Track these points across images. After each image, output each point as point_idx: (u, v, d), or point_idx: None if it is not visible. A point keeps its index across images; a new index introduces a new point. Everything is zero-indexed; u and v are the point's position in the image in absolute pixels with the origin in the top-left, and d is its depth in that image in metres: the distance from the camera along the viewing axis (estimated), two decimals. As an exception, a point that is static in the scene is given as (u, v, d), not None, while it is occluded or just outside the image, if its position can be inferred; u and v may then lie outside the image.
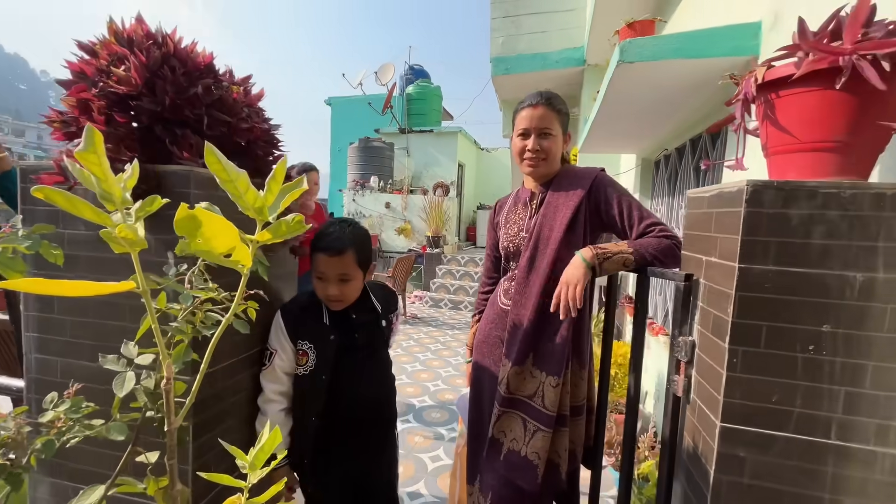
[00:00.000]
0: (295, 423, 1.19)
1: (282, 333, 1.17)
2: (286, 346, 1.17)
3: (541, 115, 1.24)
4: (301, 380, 1.18)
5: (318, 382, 1.17)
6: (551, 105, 1.25)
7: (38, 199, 1.07)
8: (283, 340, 1.17)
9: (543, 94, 1.27)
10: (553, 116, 1.25)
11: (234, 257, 0.57)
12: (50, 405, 0.75)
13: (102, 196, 0.54)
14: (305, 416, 1.18)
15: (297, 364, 1.18)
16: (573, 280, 1.11)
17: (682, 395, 1.02)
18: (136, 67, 0.93)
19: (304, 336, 1.17)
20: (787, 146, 0.83)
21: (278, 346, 1.17)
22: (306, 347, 1.17)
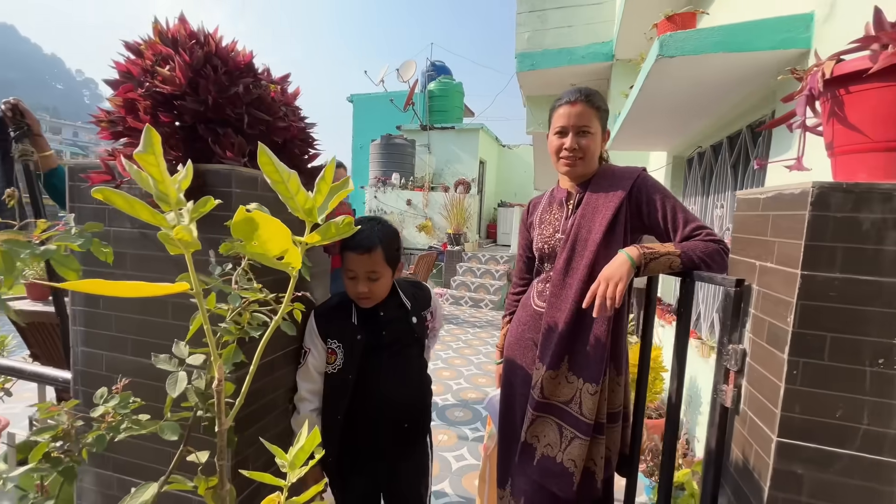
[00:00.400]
0: (322, 420, 1.20)
1: (314, 332, 1.19)
2: (318, 344, 1.19)
3: (579, 112, 1.20)
4: (330, 378, 1.20)
5: (345, 381, 1.18)
6: (590, 102, 1.21)
7: (85, 196, 1.10)
8: (315, 339, 1.19)
9: (582, 90, 1.23)
10: (592, 113, 1.21)
11: (286, 259, 0.56)
12: (100, 400, 0.76)
13: (159, 197, 0.54)
14: (331, 415, 1.19)
15: (327, 363, 1.20)
16: (615, 277, 1.05)
17: (730, 405, 0.97)
18: (181, 67, 0.94)
19: (332, 335, 1.19)
20: (857, 145, 0.78)
21: (311, 345, 1.19)
22: (335, 346, 1.19)
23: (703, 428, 2.34)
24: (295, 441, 0.69)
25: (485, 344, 4.87)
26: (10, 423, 2.04)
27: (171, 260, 1.02)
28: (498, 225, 9.99)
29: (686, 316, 1.12)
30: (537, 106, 5.53)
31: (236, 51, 1.06)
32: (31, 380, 1.29)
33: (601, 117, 1.23)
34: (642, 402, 1.27)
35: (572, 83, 5.03)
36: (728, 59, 1.63)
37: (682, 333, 1.13)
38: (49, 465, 0.70)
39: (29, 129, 1.55)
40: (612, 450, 1.25)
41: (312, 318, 1.21)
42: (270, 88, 1.12)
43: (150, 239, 1.03)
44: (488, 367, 4.10)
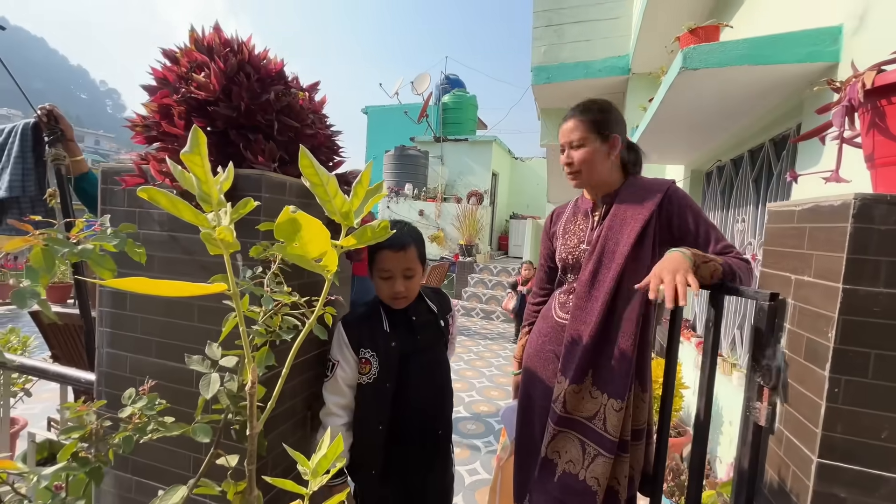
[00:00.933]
0: (360, 434, 1.17)
1: (344, 344, 1.16)
2: (349, 357, 1.16)
3: (570, 127, 1.22)
4: (365, 388, 1.16)
5: (383, 390, 1.15)
6: (582, 114, 1.21)
7: (117, 199, 1.11)
8: (345, 351, 1.15)
9: (578, 105, 1.24)
10: (582, 125, 1.20)
11: (324, 262, 0.56)
12: (128, 401, 0.76)
13: (201, 197, 0.54)
14: (372, 426, 1.16)
15: (360, 373, 1.16)
16: (680, 268, 0.94)
17: (765, 424, 0.94)
18: (216, 74, 0.96)
19: (365, 344, 1.16)
20: (900, 157, 0.76)
21: (341, 357, 1.16)
22: (368, 356, 1.16)
23: (725, 447, 2.27)
24: (317, 448, 0.69)
25: (496, 356, 4.82)
26: (29, 423, 2.06)
27: (197, 263, 1.03)
28: (510, 237, 9.97)
29: (716, 331, 1.10)
30: (552, 119, 5.55)
31: (268, 59, 1.08)
32: (54, 380, 1.31)
33: (595, 125, 1.19)
34: (667, 420, 1.23)
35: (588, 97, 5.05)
36: (753, 72, 1.62)
37: (711, 349, 1.10)
38: (77, 464, 0.70)
39: (62, 134, 1.59)
40: (636, 468, 1.21)
41: (341, 328, 1.17)
42: (299, 96, 1.14)
43: (178, 242, 1.04)
44: (500, 379, 4.05)
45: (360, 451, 1.17)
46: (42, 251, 0.66)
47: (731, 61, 1.58)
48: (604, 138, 1.20)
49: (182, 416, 0.88)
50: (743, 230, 2.48)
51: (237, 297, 0.56)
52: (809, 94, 1.67)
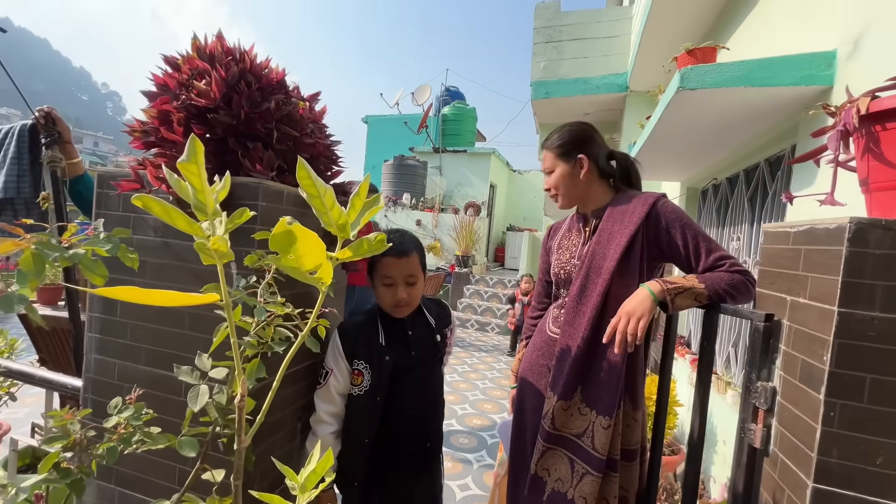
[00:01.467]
0: (347, 444, 1.15)
1: (338, 353, 1.15)
2: (342, 366, 1.14)
3: (543, 158, 1.31)
4: (355, 400, 1.15)
5: (373, 403, 1.14)
6: (546, 145, 1.28)
7: (112, 203, 1.10)
8: (339, 360, 1.14)
9: (546, 138, 1.31)
10: (549, 155, 1.28)
11: (318, 274, 0.55)
12: (114, 410, 0.74)
13: (196, 206, 0.53)
14: (358, 438, 1.15)
15: (352, 384, 1.15)
16: (637, 312, 1.02)
17: (759, 446, 0.93)
18: (217, 82, 0.96)
19: (360, 356, 1.15)
20: (893, 182, 0.77)
21: (334, 365, 1.14)
22: (361, 367, 1.15)
23: (719, 467, 2.25)
24: (307, 462, 0.67)
25: (491, 369, 4.78)
26: (12, 427, 2.02)
27: (189, 270, 1.02)
28: (506, 249, 9.98)
29: (709, 350, 1.09)
30: (550, 133, 5.61)
31: (270, 68, 1.08)
32: (40, 385, 1.28)
33: (560, 152, 1.25)
34: (660, 439, 1.22)
35: (586, 112, 5.10)
36: (748, 93, 1.64)
37: (705, 368, 1.09)
38: (58, 475, 0.68)
39: (59, 137, 1.59)
40: (630, 490, 1.19)
41: (337, 337, 1.16)
42: (300, 105, 1.14)
43: (171, 249, 1.03)
44: (494, 392, 4.01)
45: (345, 460, 1.15)
46: (32, 255, 0.65)
47: (727, 82, 1.60)
48: (569, 161, 1.25)
49: (169, 426, 0.86)
50: (738, 248, 2.49)
51: (229, 308, 0.55)
52: (804, 116, 1.70)
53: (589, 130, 1.28)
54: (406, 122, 9.83)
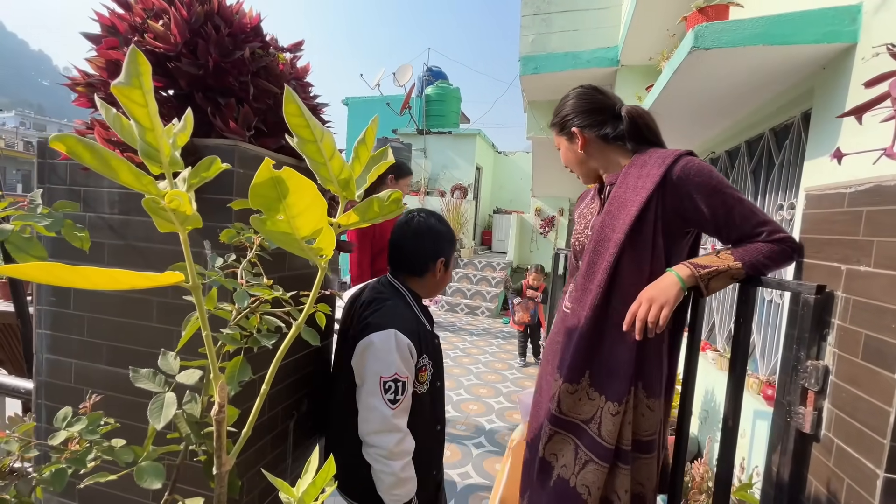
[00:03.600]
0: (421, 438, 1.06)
1: (411, 357, 1.02)
2: (413, 369, 1.04)
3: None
4: (423, 397, 1.08)
5: (439, 391, 1.15)
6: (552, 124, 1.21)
7: (58, 175, 0.92)
8: (410, 364, 1.02)
9: None
10: (554, 134, 1.20)
11: (318, 244, 0.42)
12: (62, 423, 0.60)
13: (146, 152, 0.39)
14: (431, 430, 1.12)
15: (418, 382, 1.07)
16: (660, 299, 0.92)
17: (809, 430, 0.84)
18: (177, 23, 0.79)
19: (422, 351, 1.06)
20: (983, 128, 0.66)
21: (410, 373, 1.02)
22: (426, 362, 1.08)
23: (723, 445, 2.22)
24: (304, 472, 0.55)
25: (483, 353, 4.72)
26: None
27: (157, 253, 0.87)
28: (493, 232, 9.88)
29: (746, 328, 1.00)
30: (540, 111, 5.45)
31: (242, 11, 0.92)
32: (-14, 391, 1.11)
33: (559, 128, 1.17)
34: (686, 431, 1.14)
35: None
36: (766, 53, 1.53)
37: (741, 349, 1.00)
38: (-11, 510, 0.54)
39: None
40: (646, 485, 1.08)
41: (405, 339, 1.00)
42: (280, 59, 0.98)
43: (133, 227, 0.87)
44: (488, 376, 3.94)
45: (427, 455, 1.11)
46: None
47: (745, 40, 1.49)
48: (567, 135, 1.16)
49: (139, 434, 0.72)
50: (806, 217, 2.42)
51: (198, 291, 0.41)
52: (820, 79, 1.60)
53: (581, 96, 1.13)
54: (388, 103, 9.51)
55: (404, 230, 1.13)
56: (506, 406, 3.25)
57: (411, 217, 1.15)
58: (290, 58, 1.01)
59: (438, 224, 1.15)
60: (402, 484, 0.97)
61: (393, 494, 0.97)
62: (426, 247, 1.12)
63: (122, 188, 0.86)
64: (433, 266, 1.13)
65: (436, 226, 1.14)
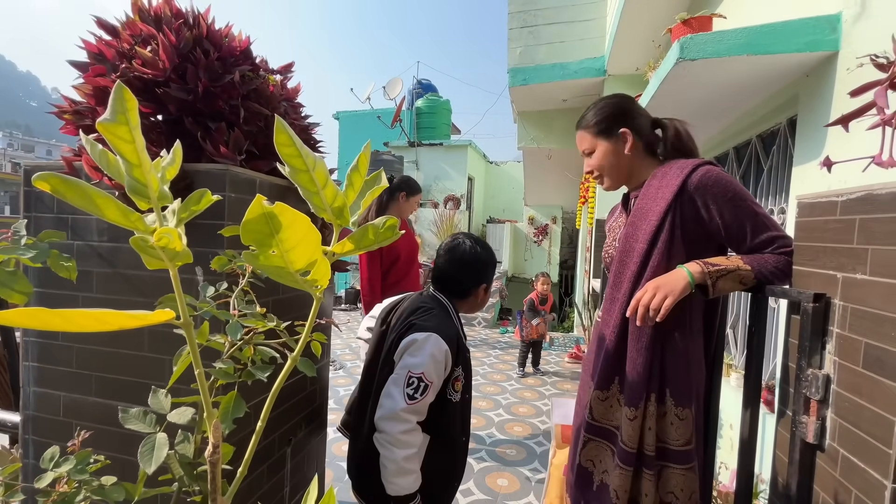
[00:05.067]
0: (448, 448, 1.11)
1: (444, 363, 1.04)
2: (443, 376, 1.06)
3: (578, 139, 1.18)
4: (454, 405, 1.10)
5: (466, 403, 1.15)
6: (580, 125, 1.17)
7: (45, 204, 0.91)
8: (442, 372, 1.05)
9: (581, 117, 1.18)
10: (586, 135, 1.15)
11: (312, 275, 0.41)
12: (49, 464, 0.58)
13: (133, 188, 0.38)
14: (459, 440, 1.13)
15: (453, 390, 1.09)
16: (665, 288, 0.94)
17: (813, 440, 0.84)
18: (165, 48, 0.78)
19: (458, 361, 1.09)
20: (968, 136, 0.67)
21: (437, 377, 1.04)
22: (459, 372, 1.10)
23: (726, 452, 2.21)
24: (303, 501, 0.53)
25: (482, 364, 4.68)
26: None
27: (148, 280, 0.85)
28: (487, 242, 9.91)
29: (759, 337, 0.99)
30: (529, 121, 5.51)
31: (231, 35, 0.91)
32: (-29, 426, 1.08)
33: (599, 130, 1.12)
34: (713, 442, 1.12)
35: (564, 99, 5.03)
36: (750, 62, 1.56)
37: (756, 356, 1.00)
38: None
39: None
40: (680, 498, 1.04)
41: (443, 344, 1.03)
42: (270, 80, 0.97)
43: (122, 254, 0.85)
44: (487, 388, 3.91)
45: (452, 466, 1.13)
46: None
47: (729, 51, 1.51)
48: (611, 137, 1.12)
49: (131, 468, 0.70)
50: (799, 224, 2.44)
51: (190, 329, 0.40)
52: (804, 86, 1.63)
53: (628, 101, 1.15)
54: (379, 116, 9.57)
55: (451, 256, 1.19)
56: (506, 419, 3.22)
57: (458, 244, 1.20)
58: (281, 79, 1.01)
59: (483, 252, 1.21)
60: (404, 474, 0.98)
61: (393, 483, 0.98)
62: (470, 274, 1.18)
63: (111, 215, 0.85)
64: (475, 290, 1.19)
65: (481, 255, 1.20)
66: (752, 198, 0.98)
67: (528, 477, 2.42)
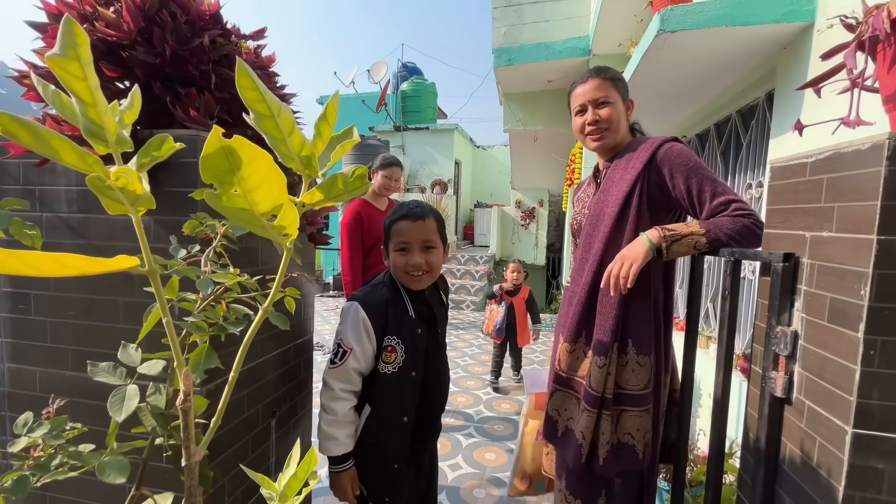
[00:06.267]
0: (387, 425, 1.07)
1: (364, 331, 1.02)
2: (367, 345, 1.03)
3: (595, 86, 1.18)
4: (386, 378, 1.06)
5: (410, 380, 1.08)
6: (603, 74, 1.19)
7: (7, 177, 0.88)
8: (364, 339, 1.03)
9: (594, 69, 1.22)
10: (608, 85, 1.18)
11: (280, 221, 0.40)
12: (23, 429, 0.57)
13: (89, 130, 0.37)
14: (397, 417, 1.07)
15: (383, 362, 1.06)
16: (629, 258, 1.03)
17: (781, 394, 0.87)
18: (129, 9, 0.76)
19: (391, 331, 1.06)
20: (930, 92, 0.69)
21: (357, 344, 1.02)
22: (394, 343, 1.06)
23: (705, 420, 2.28)
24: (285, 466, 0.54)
25: (469, 346, 4.73)
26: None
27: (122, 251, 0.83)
28: (475, 226, 9.90)
29: (733, 301, 1.02)
30: (515, 103, 5.47)
31: (199, -2, 0.88)
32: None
33: (619, 87, 1.20)
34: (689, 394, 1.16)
35: (549, 80, 5.00)
36: (730, 34, 1.57)
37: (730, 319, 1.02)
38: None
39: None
40: (636, 437, 1.14)
41: (361, 311, 1.03)
42: (242, 47, 0.95)
43: (95, 224, 0.84)
44: (475, 368, 3.96)
45: (385, 442, 1.08)
46: None
47: (709, 22, 1.52)
48: (625, 100, 1.22)
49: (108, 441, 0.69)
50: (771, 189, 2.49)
51: (156, 276, 0.39)
52: (782, 59, 1.65)
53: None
54: (364, 100, 9.41)
55: None
56: (494, 397, 3.27)
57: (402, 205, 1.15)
58: (255, 46, 0.98)
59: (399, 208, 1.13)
60: (326, 437, 1.00)
61: (320, 443, 1.00)
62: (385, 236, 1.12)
63: (80, 185, 0.82)
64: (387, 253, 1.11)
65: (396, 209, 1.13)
66: (710, 169, 1.11)
67: (513, 451, 2.48)
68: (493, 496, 2.05)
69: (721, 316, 1.01)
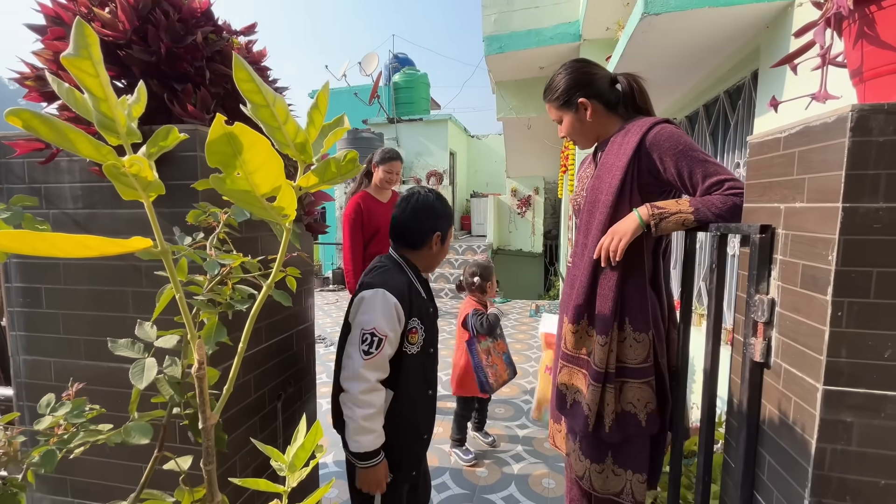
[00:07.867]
0: (412, 402, 1.14)
1: (398, 317, 1.07)
2: (398, 329, 1.09)
3: (548, 110, 1.28)
4: (412, 359, 1.13)
5: (431, 356, 1.18)
6: (546, 97, 1.26)
7: (16, 174, 0.91)
8: (395, 324, 1.07)
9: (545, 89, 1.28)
10: (551, 106, 1.26)
11: (279, 202, 0.44)
12: (46, 409, 0.62)
13: (102, 123, 0.40)
14: (423, 393, 1.16)
15: (409, 342, 1.13)
16: (619, 233, 1.09)
17: (760, 358, 0.92)
18: (124, 9, 0.79)
19: (414, 313, 1.13)
20: (892, 66, 0.73)
21: (391, 330, 1.06)
22: (416, 325, 1.13)
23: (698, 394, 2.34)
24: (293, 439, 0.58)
25: (469, 334, 4.79)
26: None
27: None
28: (472, 216, 9.93)
29: (720, 271, 1.07)
30: (507, 91, 5.47)
31: (190, -4, 0.91)
32: (-37, 400, 1.10)
33: (560, 103, 1.23)
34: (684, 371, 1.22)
35: (541, 66, 5.00)
36: (714, 15, 1.59)
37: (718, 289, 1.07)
38: (-18, 494, 0.56)
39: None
40: (637, 406, 1.20)
41: (391, 297, 1.07)
42: (233, 43, 0.98)
43: (100, 220, 0.87)
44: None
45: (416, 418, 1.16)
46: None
47: (692, 3, 1.54)
48: (572, 108, 1.22)
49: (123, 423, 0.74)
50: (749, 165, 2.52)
51: (168, 256, 0.43)
52: (765, 38, 1.68)
53: (583, 67, 1.24)
54: (356, 93, 9.37)
55: (404, 206, 1.19)
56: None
57: (413, 193, 1.21)
58: (246, 42, 1.01)
59: (437, 201, 1.22)
60: (364, 432, 1.02)
61: (354, 441, 1.02)
62: (423, 221, 1.18)
63: (85, 181, 0.86)
64: (429, 240, 1.18)
65: (434, 202, 1.20)
66: (701, 149, 1.12)
67: (516, 432, 2.55)
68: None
69: (709, 289, 1.06)
